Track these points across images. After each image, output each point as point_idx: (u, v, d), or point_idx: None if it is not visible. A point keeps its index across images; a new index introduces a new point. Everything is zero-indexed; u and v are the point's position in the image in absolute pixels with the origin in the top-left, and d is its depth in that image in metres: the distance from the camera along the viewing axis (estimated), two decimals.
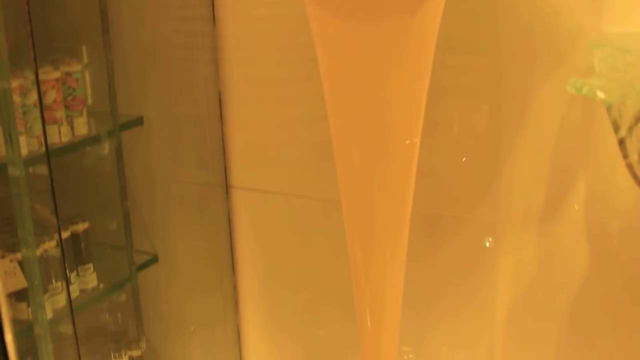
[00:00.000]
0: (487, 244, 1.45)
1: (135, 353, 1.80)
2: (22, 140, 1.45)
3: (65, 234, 1.60)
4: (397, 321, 1.23)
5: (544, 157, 1.36)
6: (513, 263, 1.45)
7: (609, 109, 1.03)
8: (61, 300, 1.58)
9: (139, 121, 1.71)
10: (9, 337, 0.79)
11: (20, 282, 1.56)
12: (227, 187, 1.67)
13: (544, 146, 1.36)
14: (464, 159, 1.42)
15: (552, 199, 1.38)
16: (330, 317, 1.66)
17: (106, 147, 1.68)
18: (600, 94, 1.00)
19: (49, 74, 1.52)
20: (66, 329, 1.61)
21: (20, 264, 1.55)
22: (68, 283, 1.57)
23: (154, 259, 1.77)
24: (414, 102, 1.11)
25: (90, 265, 1.66)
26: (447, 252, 1.50)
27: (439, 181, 1.45)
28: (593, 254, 1.37)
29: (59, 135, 1.56)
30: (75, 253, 1.64)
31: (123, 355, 1.78)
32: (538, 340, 1.47)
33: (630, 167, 1.10)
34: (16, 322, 1.60)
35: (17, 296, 1.59)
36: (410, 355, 1.60)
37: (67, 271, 1.59)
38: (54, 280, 1.56)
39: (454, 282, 1.51)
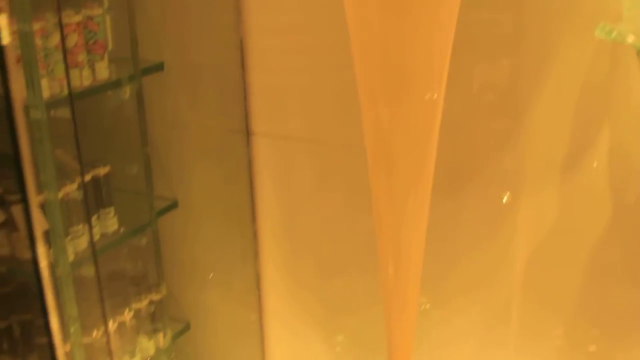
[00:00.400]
0: (505, 200, 1.45)
1: (156, 297, 1.82)
2: (44, 83, 1.45)
3: (86, 178, 1.60)
4: (419, 269, 1.23)
5: (566, 109, 1.35)
6: (533, 212, 1.44)
7: (638, 52, 1.02)
8: (82, 243, 1.60)
9: (159, 67, 1.70)
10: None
11: (42, 225, 1.57)
12: (247, 133, 1.67)
13: (567, 98, 1.34)
14: (486, 110, 1.41)
15: (574, 151, 1.37)
16: (349, 266, 1.66)
17: (127, 92, 1.67)
18: (631, 38, 0.98)
19: (71, 18, 1.51)
20: (87, 271, 1.63)
21: (42, 207, 1.56)
22: (90, 225, 1.58)
23: (174, 205, 1.78)
24: (438, 54, 1.09)
25: (111, 209, 1.68)
26: (467, 201, 1.49)
27: (461, 131, 1.44)
28: (613, 207, 1.36)
29: (81, 79, 1.56)
30: (96, 197, 1.64)
31: (143, 299, 1.80)
32: (555, 291, 1.47)
33: None
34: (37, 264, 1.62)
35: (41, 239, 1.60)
36: (427, 306, 1.60)
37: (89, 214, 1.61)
38: (75, 224, 1.57)
39: (473, 231, 1.51)
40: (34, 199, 1.38)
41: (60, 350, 1.52)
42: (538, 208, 1.44)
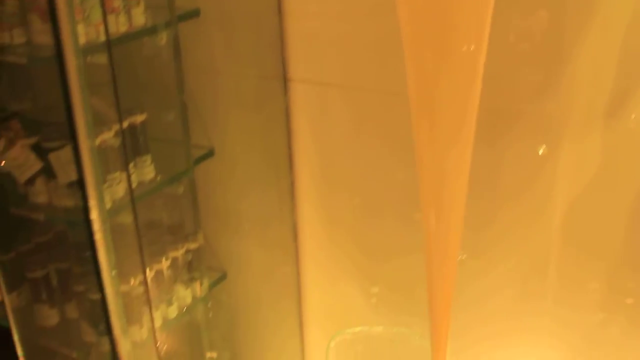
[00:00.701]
0: (544, 149, 1.41)
1: (192, 246, 1.82)
2: (80, 29, 1.43)
3: (123, 125, 1.59)
4: (461, 218, 1.20)
5: (611, 52, 1.30)
6: (575, 160, 1.41)
7: None
8: (119, 191, 1.59)
9: (195, 13, 1.68)
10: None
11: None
12: (285, 80, 1.64)
13: (611, 41, 1.30)
14: (527, 56, 1.37)
15: (618, 96, 1.32)
16: (387, 213, 1.64)
17: (163, 38, 1.65)
18: None
19: None
20: (124, 219, 1.63)
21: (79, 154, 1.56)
22: (128, 173, 1.58)
23: (210, 153, 1.77)
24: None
25: (148, 157, 1.67)
26: (507, 149, 1.46)
27: (501, 77, 1.41)
28: None
29: (117, 25, 1.54)
30: (133, 144, 1.63)
31: (180, 248, 1.80)
32: (595, 242, 1.44)
33: None
34: (75, 211, 1.63)
35: (79, 185, 1.60)
36: (464, 257, 1.58)
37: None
38: (112, 171, 1.57)
39: (512, 180, 1.48)
40: (85, 144, 1.37)
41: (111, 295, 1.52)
42: (580, 156, 1.40)
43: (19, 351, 1.73)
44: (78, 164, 1.39)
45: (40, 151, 1.62)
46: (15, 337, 1.73)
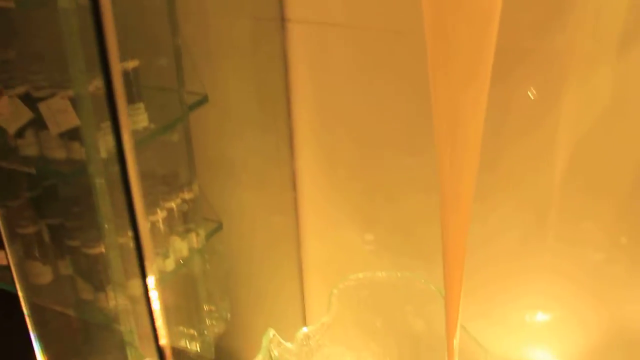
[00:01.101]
0: (531, 96, 1.38)
1: (188, 196, 1.78)
2: None
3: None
4: (477, 161, 1.17)
5: None
6: (582, 98, 1.38)
7: None
8: (112, 140, 1.54)
9: None
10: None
11: (73, 120, 1.52)
12: (282, 20, 1.59)
13: None
14: None
15: (631, 28, 1.29)
16: (389, 157, 1.61)
17: None
18: None
19: None
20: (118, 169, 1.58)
21: (72, 101, 1.51)
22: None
23: (205, 99, 1.71)
24: None
25: (141, 105, 1.62)
26: (513, 89, 1.43)
27: (506, 14, 1.37)
28: None
29: None
30: (125, 92, 1.58)
31: (175, 198, 1.76)
32: (599, 187, 1.42)
33: None
34: (70, 162, 1.58)
35: (70, 135, 1.55)
36: None
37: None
38: (105, 119, 1.52)
39: (518, 119, 1.45)
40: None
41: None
42: (587, 94, 1.37)
43: (25, 310, 1.69)
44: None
45: (29, 101, 1.56)
46: (20, 295, 1.68)
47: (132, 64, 1.57)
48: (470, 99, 1.13)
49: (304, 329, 1.51)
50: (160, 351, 0.89)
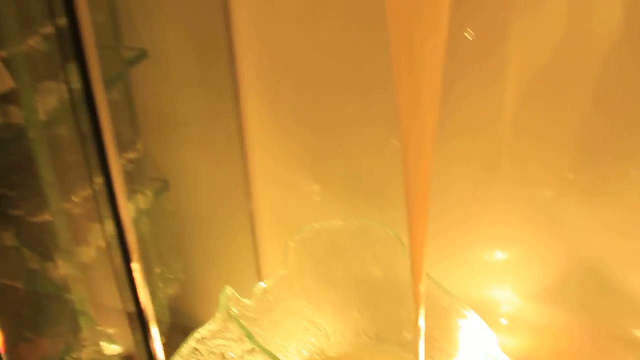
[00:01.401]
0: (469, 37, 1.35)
1: (132, 155, 1.72)
2: None
3: (49, 29, 1.46)
4: (439, 91, 1.14)
5: None
6: (531, 32, 1.35)
7: None
8: (52, 102, 1.48)
9: None
10: None
11: (8, 82, 1.44)
12: None
13: None
14: None
15: None
16: (341, 101, 1.56)
17: None
18: None
19: None
20: (60, 131, 1.52)
21: (6, 62, 1.43)
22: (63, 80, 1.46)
23: (144, 54, 1.65)
24: None
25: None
26: (458, 26, 1.39)
27: None
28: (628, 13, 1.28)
29: None
30: (61, 50, 1.51)
31: (119, 159, 1.70)
32: (555, 111, 1.41)
33: None
34: (9, 127, 1.51)
35: (7, 99, 1.48)
36: None
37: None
38: (42, 80, 1.45)
39: (462, 59, 1.41)
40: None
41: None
42: (537, 26, 1.34)
43: None
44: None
45: None
46: None
47: (64, 21, 1.50)
48: (429, 47, 1.10)
49: (261, 284, 1.47)
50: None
